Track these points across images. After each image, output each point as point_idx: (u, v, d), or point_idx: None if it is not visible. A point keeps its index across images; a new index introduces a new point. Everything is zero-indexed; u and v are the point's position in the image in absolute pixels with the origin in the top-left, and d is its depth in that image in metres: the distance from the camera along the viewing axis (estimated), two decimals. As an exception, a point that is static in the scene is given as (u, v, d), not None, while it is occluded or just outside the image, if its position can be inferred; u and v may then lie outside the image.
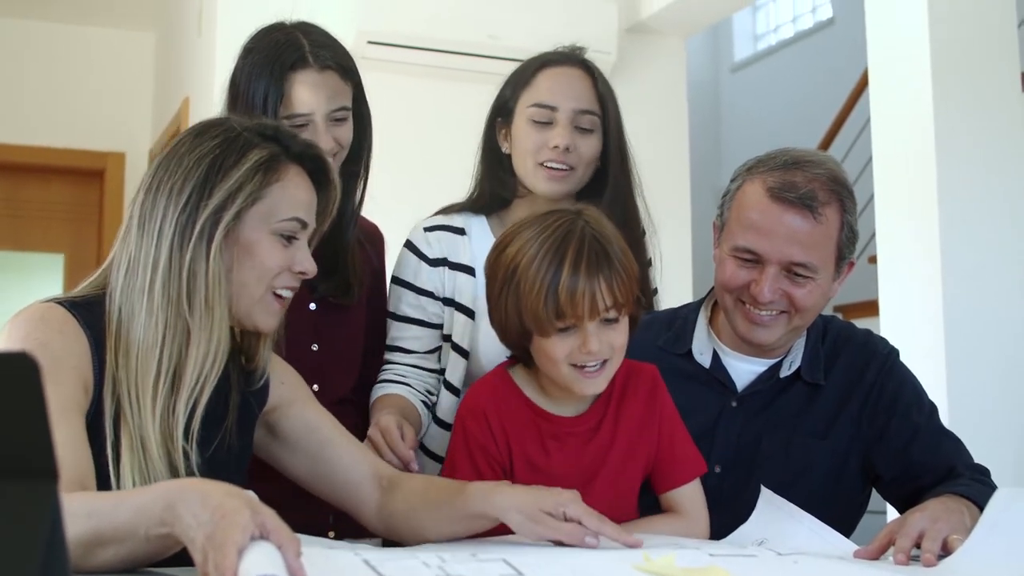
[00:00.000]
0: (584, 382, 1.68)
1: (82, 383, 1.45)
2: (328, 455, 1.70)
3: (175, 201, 1.50)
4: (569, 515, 1.46)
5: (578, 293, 1.61)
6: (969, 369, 3.35)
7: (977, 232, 3.44)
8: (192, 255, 1.48)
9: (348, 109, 2.04)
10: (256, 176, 1.52)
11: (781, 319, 1.88)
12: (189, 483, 1.24)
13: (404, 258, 2.20)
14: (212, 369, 1.50)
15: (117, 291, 1.51)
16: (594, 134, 2.14)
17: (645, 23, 4.83)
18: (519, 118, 2.15)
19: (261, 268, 1.54)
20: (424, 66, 4.46)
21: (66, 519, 1.02)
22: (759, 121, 8.22)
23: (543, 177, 2.11)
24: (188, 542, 1.16)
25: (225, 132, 1.55)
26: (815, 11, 8.30)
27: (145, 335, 1.48)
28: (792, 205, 1.83)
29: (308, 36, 2.01)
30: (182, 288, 1.48)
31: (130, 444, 1.45)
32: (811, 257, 1.84)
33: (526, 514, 1.48)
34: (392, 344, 2.17)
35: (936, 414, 1.97)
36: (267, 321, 1.59)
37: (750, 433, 1.93)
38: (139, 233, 1.52)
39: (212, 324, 1.50)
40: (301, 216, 1.57)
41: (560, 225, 1.66)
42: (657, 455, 1.78)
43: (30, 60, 5.95)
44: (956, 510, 1.64)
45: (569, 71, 2.16)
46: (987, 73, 3.53)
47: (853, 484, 1.96)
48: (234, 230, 1.51)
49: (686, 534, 1.70)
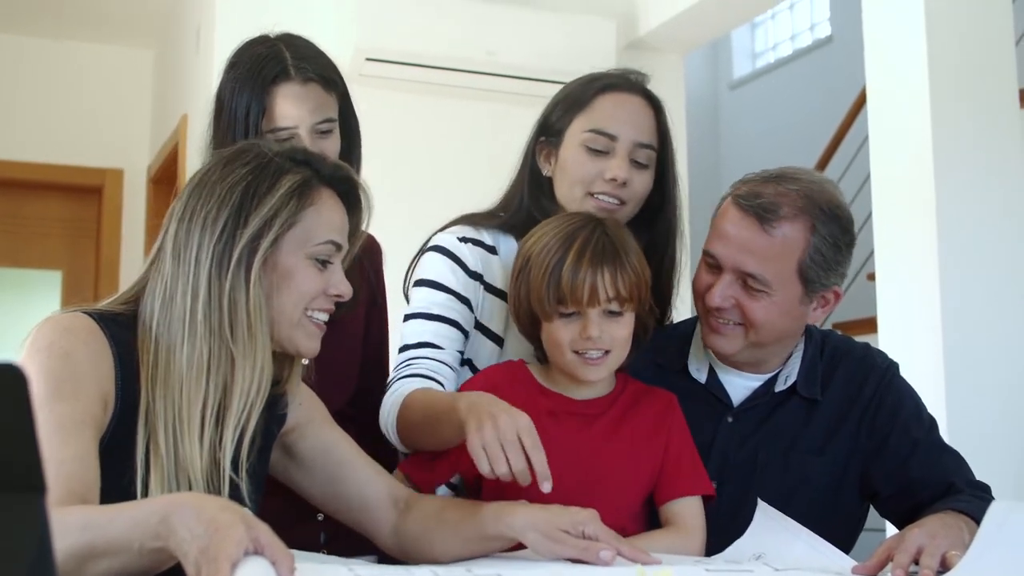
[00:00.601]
0: (585, 368, 1.75)
1: (102, 398, 1.44)
2: (344, 476, 1.69)
3: (211, 230, 1.49)
4: (587, 534, 1.46)
5: (579, 279, 1.70)
6: (968, 386, 3.34)
7: (975, 249, 3.43)
8: (232, 283, 1.48)
9: (333, 121, 2.02)
10: (291, 202, 1.51)
11: (737, 331, 1.88)
12: (184, 497, 1.24)
13: (434, 262, 2.00)
14: (258, 396, 1.50)
15: (153, 320, 1.50)
16: (648, 170, 2.00)
17: (643, 40, 4.84)
18: (570, 141, 1.99)
19: (298, 293, 1.54)
20: (422, 83, 4.46)
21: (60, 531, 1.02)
22: (758, 138, 8.22)
23: (592, 208, 1.94)
24: (182, 556, 1.15)
25: (256, 158, 1.54)
26: (813, 29, 8.32)
27: (188, 366, 1.47)
28: (747, 213, 1.84)
29: (290, 48, 2.00)
30: (223, 317, 1.48)
31: (161, 472, 1.44)
32: (763, 270, 1.83)
33: (543, 532, 1.48)
34: (415, 341, 1.96)
35: (936, 429, 1.96)
36: (308, 344, 1.59)
37: (746, 448, 1.92)
38: (174, 263, 1.51)
39: (256, 351, 1.49)
40: (336, 239, 1.57)
41: (576, 221, 1.79)
42: (661, 470, 1.79)
43: (28, 76, 5.95)
44: (955, 526, 1.63)
45: (632, 99, 2.01)
46: (985, 90, 3.53)
47: (851, 500, 1.95)
48: (271, 257, 1.51)
49: (681, 550, 1.70)
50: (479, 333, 2.01)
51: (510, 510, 1.54)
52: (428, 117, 4.49)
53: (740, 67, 8.88)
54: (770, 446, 1.93)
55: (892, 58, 3.59)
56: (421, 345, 1.94)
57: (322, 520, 1.99)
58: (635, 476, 1.78)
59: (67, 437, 1.37)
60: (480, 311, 2.00)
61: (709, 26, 4.88)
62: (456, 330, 1.97)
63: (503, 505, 1.58)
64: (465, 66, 4.40)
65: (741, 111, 8.73)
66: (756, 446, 1.93)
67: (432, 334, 1.95)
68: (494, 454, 1.54)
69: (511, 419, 1.56)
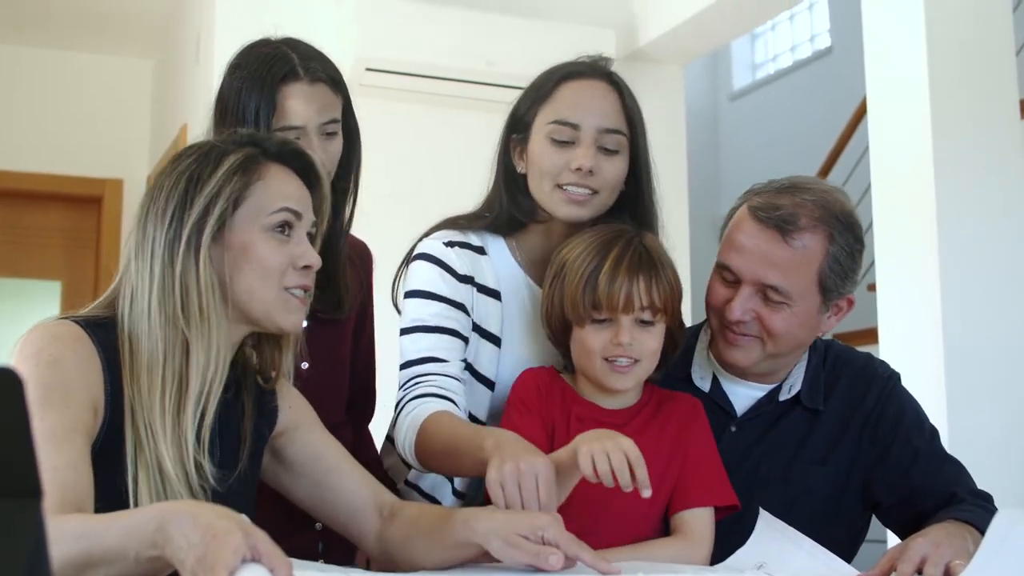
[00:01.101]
0: (613, 376, 1.76)
1: (91, 404, 1.44)
2: (332, 482, 1.69)
3: (161, 222, 1.50)
4: (547, 539, 1.44)
5: (615, 286, 1.72)
6: (969, 397, 3.33)
7: (977, 260, 3.43)
8: (182, 267, 1.48)
9: (338, 122, 2.02)
10: (234, 178, 1.52)
11: (755, 343, 1.87)
12: (181, 505, 1.23)
13: (423, 271, 1.96)
14: (216, 377, 1.50)
15: (126, 321, 1.51)
16: (619, 155, 1.93)
17: (643, 50, 4.84)
18: (536, 135, 1.95)
19: (262, 268, 1.53)
20: (422, 93, 4.46)
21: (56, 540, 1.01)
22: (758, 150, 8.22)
23: (561, 200, 1.91)
24: (178, 564, 1.14)
25: (199, 148, 1.56)
26: (813, 40, 8.32)
27: (149, 357, 1.47)
28: (767, 225, 1.83)
29: (295, 49, 2.00)
30: (176, 302, 1.48)
31: (147, 470, 1.44)
32: (784, 282, 1.82)
33: (503, 538, 1.46)
34: (418, 357, 1.91)
35: (937, 438, 1.95)
36: (290, 319, 1.57)
37: (750, 458, 1.91)
38: (136, 262, 1.52)
39: (209, 332, 1.49)
40: (291, 206, 1.55)
41: (613, 230, 1.81)
42: (679, 475, 1.79)
43: (28, 87, 5.94)
44: (958, 535, 1.63)
45: (594, 85, 1.95)
46: (986, 100, 3.53)
47: (853, 509, 1.94)
48: (224, 235, 1.51)
49: (685, 559, 1.69)
50: (477, 336, 1.98)
51: (475, 516, 1.53)
52: (428, 127, 4.49)
53: (740, 78, 8.89)
54: (773, 456, 1.92)
55: (892, 69, 3.59)
56: (425, 360, 1.90)
57: (320, 529, 1.98)
58: (657, 486, 1.77)
59: (59, 445, 1.36)
60: (475, 313, 1.97)
61: (709, 36, 4.88)
62: (456, 339, 1.93)
63: (471, 511, 1.58)
64: (465, 76, 4.40)
65: (741, 122, 8.73)
66: (759, 456, 1.92)
67: (433, 347, 1.91)
68: (510, 492, 1.53)
69: (531, 464, 1.53)
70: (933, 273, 3.37)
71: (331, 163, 2.01)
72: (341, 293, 2.08)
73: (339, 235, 2.08)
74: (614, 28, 4.69)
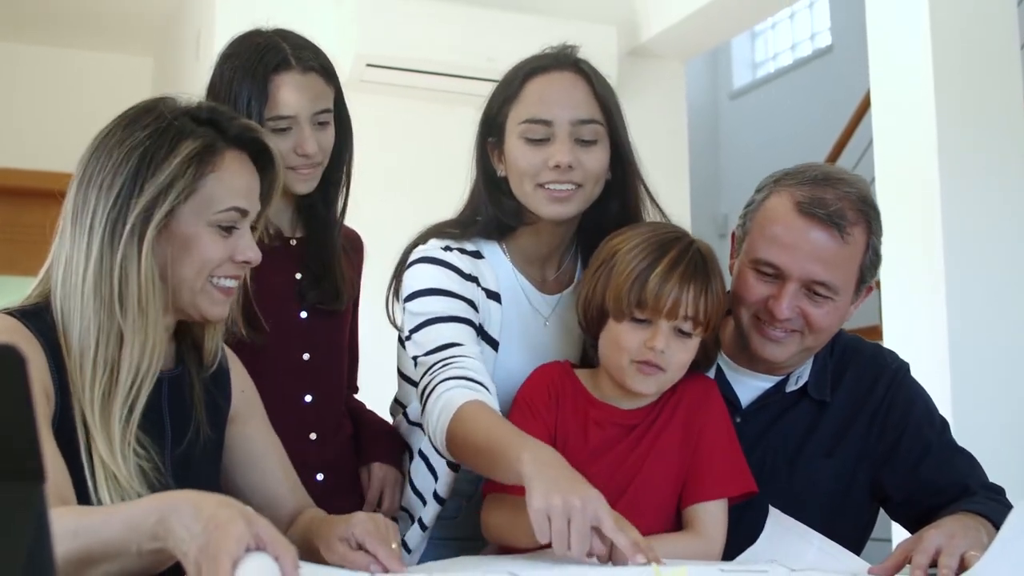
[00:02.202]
0: (639, 378, 1.72)
1: (43, 391, 1.40)
2: (254, 477, 1.67)
3: (105, 196, 1.44)
4: (358, 540, 1.41)
5: (666, 289, 1.68)
6: (975, 394, 3.32)
7: (981, 257, 3.41)
8: (124, 253, 1.43)
9: (331, 112, 2.01)
10: (189, 169, 1.46)
11: (794, 337, 1.84)
12: (182, 495, 1.20)
13: (426, 272, 1.89)
14: (148, 372, 1.45)
15: (58, 292, 1.46)
16: (598, 145, 1.87)
17: (645, 46, 4.83)
18: (511, 136, 1.89)
19: (200, 261, 1.49)
20: (422, 89, 4.45)
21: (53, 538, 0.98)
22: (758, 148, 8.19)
23: (545, 199, 1.86)
24: (181, 556, 1.12)
25: (156, 120, 1.48)
26: (814, 38, 8.30)
27: (81, 339, 1.43)
28: (820, 222, 1.79)
29: (287, 40, 1.99)
30: (114, 289, 1.43)
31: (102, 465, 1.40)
32: (833, 277, 1.79)
33: (325, 544, 1.44)
34: (435, 345, 1.83)
35: (948, 430, 1.93)
36: (214, 310, 1.53)
37: (755, 450, 1.88)
38: (72, 229, 1.46)
39: (146, 326, 1.44)
40: (240, 205, 1.51)
41: (669, 232, 1.76)
42: (690, 466, 1.77)
43: (29, 85, 5.93)
44: (972, 527, 1.61)
45: (561, 77, 1.89)
46: (990, 95, 3.52)
47: (860, 502, 1.92)
48: (168, 225, 1.46)
49: (697, 554, 1.66)
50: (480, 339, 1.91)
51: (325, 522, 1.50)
52: (428, 123, 4.47)
53: (740, 77, 8.87)
54: (779, 448, 1.90)
55: (896, 64, 3.58)
56: (447, 346, 1.81)
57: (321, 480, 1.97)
58: (672, 481, 1.77)
59: None
60: (480, 315, 1.90)
61: (710, 33, 4.86)
62: (472, 329, 1.86)
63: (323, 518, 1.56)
64: (466, 72, 4.38)
65: (741, 121, 8.71)
66: (764, 448, 1.90)
67: (453, 335, 1.83)
68: (558, 529, 1.43)
69: (586, 501, 1.43)
70: (937, 269, 3.36)
71: (324, 153, 2.00)
72: (338, 284, 2.07)
73: (333, 227, 2.08)
74: (615, 24, 4.69)
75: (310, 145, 1.93)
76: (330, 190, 2.06)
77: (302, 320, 2.03)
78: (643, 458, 1.76)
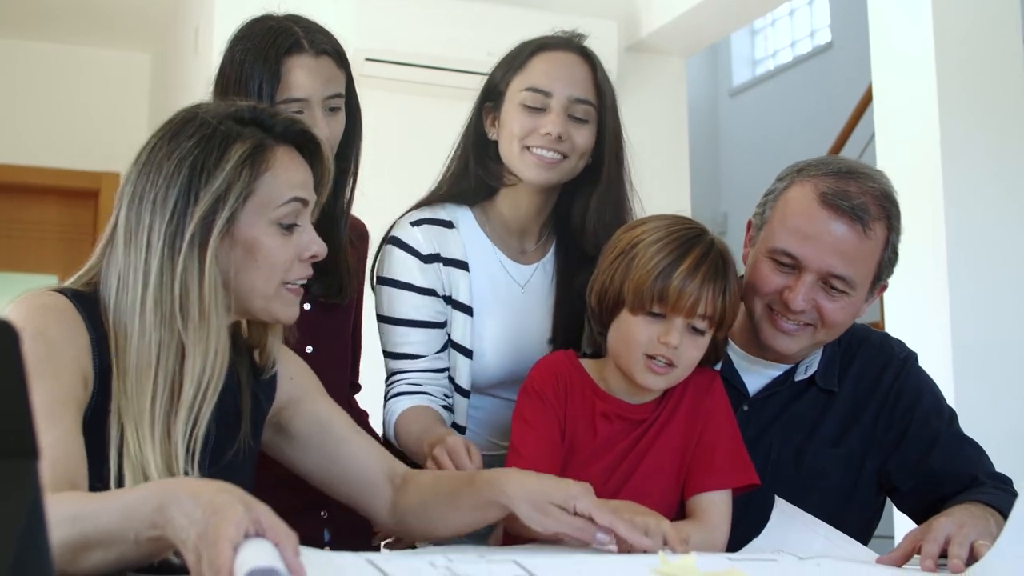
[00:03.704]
0: (648, 373, 1.71)
1: (81, 375, 1.38)
2: (340, 454, 1.64)
3: (160, 211, 1.41)
4: (579, 510, 1.40)
5: (688, 288, 1.67)
6: (978, 389, 3.30)
7: (984, 252, 3.40)
8: (184, 266, 1.40)
9: (342, 97, 1.99)
10: (244, 172, 1.43)
11: (806, 331, 1.82)
12: (179, 483, 1.18)
13: (392, 257, 2.04)
14: (211, 384, 1.42)
15: (110, 310, 1.43)
16: (588, 125, 2.00)
17: (645, 41, 4.81)
18: (510, 103, 2.01)
19: (268, 265, 1.46)
20: (422, 83, 4.43)
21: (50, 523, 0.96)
22: (758, 146, 8.18)
23: (531, 163, 1.97)
24: (180, 544, 1.10)
25: (200, 128, 1.45)
26: (813, 35, 8.28)
27: (139, 358, 1.40)
28: (843, 214, 1.77)
29: (299, 23, 1.97)
30: (175, 302, 1.40)
31: (132, 472, 1.38)
32: (851, 271, 1.78)
33: (534, 504, 1.43)
34: (395, 351, 2.04)
35: (956, 420, 1.91)
36: (287, 312, 1.52)
37: (762, 439, 1.87)
38: (126, 249, 1.43)
39: (208, 336, 1.41)
40: (300, 195, 1.49)
41: (692, 228, 1.74)
42: (693, 457, 1.76)
43: (25, 80, 5.91)
44: (981, 516, 1.59)
45: (567, 57, 2.03)
46: (994, 88, 3.51)
47: (867, 492, 1.90)
48: (230, 231, 1.43)
49: (700, 545, 1.65)
50: (451, 308, 2.03)
51: (505, 477, 1.50)
52: (428, 117, 4.45)
53: (740, 74, 8.85)
54: (786, 437, 1.88)
55: (898, 58, 3.56)
56: (401, 356, 2.03)
57: (326, 517, 1.95)
58: (675, 473, 1.76)
59: (50, 420, 1.31)
60: (445, 287, 2.02)
61: (711, 28, 4.84)
62: (430, 329, 2.02)
63: (498, 472, 1.55)
64: (465, 66, 4.35)
65: (741, 118, 8.69)
66: (771, 437, 1.88)
67: (408, 342, 2.02)
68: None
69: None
70: (940, 265, 3.35)
71: (334, 139, 1.98)
72: (343, 277, 2.05)
73: (340, 218, 2.05)
74: (615, 19, 4.67)
75: (321, 129, 1.90)
76: (338, 179, 2.02)
77: (305, 312, 2.01)
78: (647, 451, 1.75)
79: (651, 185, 2.22)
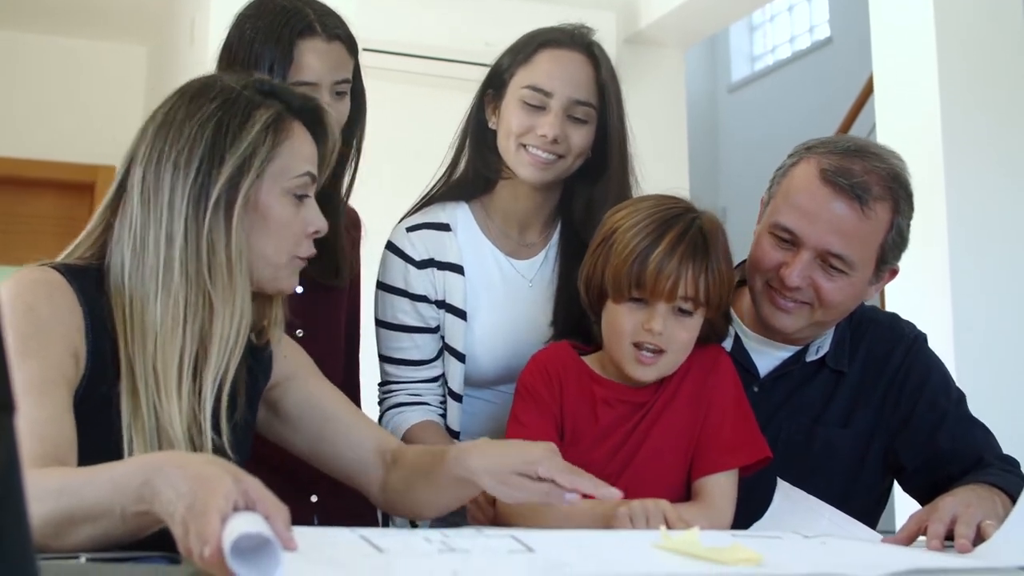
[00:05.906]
0: (638, 366, 1.68)
1: (71, 352, 1.36)
2: (332, 432, 1.62)
3: (184, 172, 1.40)
4: (542, 475, 1.36)
5: (666, 270, 1.63)
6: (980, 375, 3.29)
7: (986, 245, 3.39)
8: (210, 226, 1.40)
9: (349, 83, 1.98)
10: (268, 137, 1.44)
11: (803, 309, 1.80)
12: (166, 456, 1.17)
13: (389, 262, 2.06)
14: (237, 343, 1.43)
15: (124, 272, 1.41)
16: (587, 125, 1.99)
17: (644, 33, 4.79)
18: (511, 96, 2.00)
19: (279, 233, 1.47)
20: (420, 74, 4.43)
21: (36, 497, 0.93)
22: (757, 141, 8.16)
23: (525, 161, 1.97)
24: (167, 517, 1.07)
25: (223, 92, 1.46)
26: (812, 31, 8.26)
27: (164, 317, 1.39)
28: (841, 191, 1.75)
29: (311, 6, 1.95)
30: (201, 262, 1.40)
31: (143, 436, 1.37)
32: (849, 250, 1.75)
33: (497, 476, 1.40)
34: (392, 356, 2.06)
35: (964, 401, 1.89)
36: (290, 282, 1.53)
37: (772, 420, 1.84)
38: (144, 209, 1.41)
39: (235, 296, 1.42)
40: (311, 170, 1.50)
41: (673, 209, 1.70)
42: (699, 438, 1.73)
43: (21, 73, 5.90)
44: (987, 497, 1.58)
45: (571, 56, 2.00)
46: (995, 81, 3.51)
47: (875, 474, 1.88)
48: (251, 195, 1.43)
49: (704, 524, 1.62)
50: (445, 311, 2.02)
51: (469, 451, 1.47)
52: (426, 108, 4.43)
53: (738, 70, 8.83)
54: (795, 418, 1.87)
55: (900, 52, 3.56)
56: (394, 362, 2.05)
57: (315, 501, 1.93)
58: (681, 455, 1.73)
59: (39, 397, 1.30)
60: (439, 292, 2.02)
61: (710, 19, 4.83)
62: (424, 334, 2.03)
63: (464, 446, 1.53)
64: (463, 57, 4.35)
65: (740, 114, 8.67)
66: (781, 418, 1.86)
67: (404, 348, 2.04)
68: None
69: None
70: (941, 259, 3.34)
71: (339, 124, 1.95)
72: (339, 261, 2.03)
73: (338, 201, 2.03)
74: (614, 10, 4.66)
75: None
76: (337, 163, 2.01)
77: (297, 294, 1.98)
78: (648, 434, 1.73)
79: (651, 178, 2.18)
